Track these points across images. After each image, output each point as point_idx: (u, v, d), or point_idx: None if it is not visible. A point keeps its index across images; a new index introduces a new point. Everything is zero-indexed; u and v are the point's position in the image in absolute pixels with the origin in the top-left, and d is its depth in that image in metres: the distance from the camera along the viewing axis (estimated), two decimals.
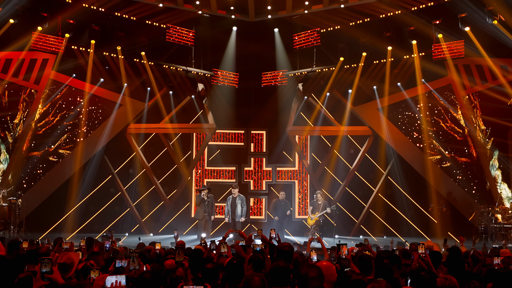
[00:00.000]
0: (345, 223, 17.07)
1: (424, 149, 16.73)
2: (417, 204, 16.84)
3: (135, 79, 16.95)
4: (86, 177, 16.79)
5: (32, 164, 16.48)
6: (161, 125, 17.43)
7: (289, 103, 17.65)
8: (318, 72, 17.10)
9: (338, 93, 17.58)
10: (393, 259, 5.88)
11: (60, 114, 16.80)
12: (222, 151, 18.01)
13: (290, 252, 5.36)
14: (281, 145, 17.74)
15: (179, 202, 17.62)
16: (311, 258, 5.57)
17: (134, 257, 5.05)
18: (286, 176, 17.78)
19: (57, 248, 7.71)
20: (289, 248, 5.42)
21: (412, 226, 16.68)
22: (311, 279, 3.69)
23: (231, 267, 4.63)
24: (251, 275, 3.90)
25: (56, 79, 16.55)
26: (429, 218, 16.45)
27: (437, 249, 8.94)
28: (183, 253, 5.40)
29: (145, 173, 17.65)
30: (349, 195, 17.54)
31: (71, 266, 5.54)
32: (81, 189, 16.70)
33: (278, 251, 5.41)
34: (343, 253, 5.22)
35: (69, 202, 16.41)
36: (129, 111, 17.18)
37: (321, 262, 4.26)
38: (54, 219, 16.07)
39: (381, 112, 16.97)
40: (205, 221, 14.56)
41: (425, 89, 16.62)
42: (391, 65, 16.25)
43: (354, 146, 17.88)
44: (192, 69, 16.87)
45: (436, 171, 16.66)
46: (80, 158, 16.75)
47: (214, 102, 17.68)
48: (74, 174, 16.60)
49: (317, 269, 3.78)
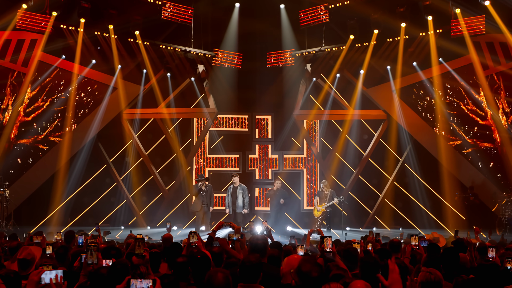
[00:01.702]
0: (357, 214, 16.46)
1: (443, 134, 16.05)
2: (436, 193, 16.04)
3: (129, 60, 16.24)
4: (79, 167, 16.11)
5: (20, 153, 15.83)
6: (159, 110, 16.66)
7: (296, 85, 16.91)
8: (327, 52, 16.32)
9: (349, 74, 16.76)
10: (383, 253, 5.67)
11: (50, 99, 16.09)
12: (225, 137, 17.32)
13: (264, 246, 5.21)
14: (288, 130, 16.99)
15: (179, 193, 16.85)
16: (298, 253, 5.47)
17: (92, 250, 4.82)
18: (293, 164, 17.11)
19: (27, 242, 7.34)
20: (263, 241, 5.27)
21: (430, 217, 15.92)
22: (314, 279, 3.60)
23: (196, 262, 4.66)
24: (215, 271, 3.88)
25: (45, 61, 15.81)
26: (449, 209, 15.63)
27: (443, 241, 8.92)
28: (143, 245, 5.29)
29: (142, 162, 16.93)
30: (362, 184, 16.77)
31: (31, 262, 5.43)
32: (74, 179, 16.05)
33: (250, 245, 5.24)
34: (327, 246, 4.91)
35: (62, 193, 15.79)
36: (124, 95, 16.45)
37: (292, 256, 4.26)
38: (45, 211, 15.39)
39: (396, 94, 16.26)
40: (203, 213, 14.01)
41: (443, 69, 15.89)
42: (405, 43, 15.51)
43: (367, 131, 17.06)
44: (192, 50, 16.11)
45: (456, 157, 15.98)
46: (72, 146, 16.06)
47: (215, 85, 16.99)
48: (66, 163, 15.95)
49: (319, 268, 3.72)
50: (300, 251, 5.60)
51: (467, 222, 14.81)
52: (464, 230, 12.24)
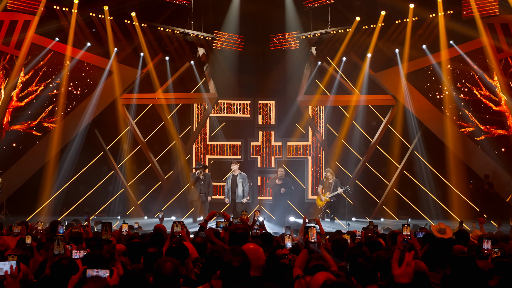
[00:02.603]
0: (365, 204, 16.04)
1: (455, 120, 15.58)
2: (448, 182, 15.53)
3: (126, 43, 15.87)
4: (74, 154, 15.70)
5: (13, 139, 15.41)
6: (157, 95, 16.23)
7: (300, 69, 16.41)
8: (333, 34, 15.93)
9: (355, 57, 16.27)
10: (374, 245, 5.58)
11: (45, 83, 15.62)
12: (226, 124, 16.82)
13: (244, 236, 4.96)
14: (291, 116, 16.46)
15: (178, 182, 16.34)
16: (285, 244, 5.34)
17: (59, 240, 4.86)
18: (298, 151, 16.57)
19: (6, 232, 7.53)
20: (243, 231, 5.02)
21: (441, 207, 15.44)
22: (234, 269, 3.48)
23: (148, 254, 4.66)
24: (164, 260, 3.88)
25: (39, 44, 15.37)
26: (461, 199, 15.17)
27: (449, 232, 8.80)
28: (110, 230, 5.22)
29: (140, 150, 16.48)
30: (369, 172, 16.27)
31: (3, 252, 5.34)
32: (69, 167, 15.65)
33: (230, 235, 5.03)
34: (312, 237, 4.78)
35: (56, 182, 15.45)
36: (121, 79, 16.03)
37: (248, 245, 4.06)
38: (39, 200, 15.10)
39: (404, 78, 15.81)
40: (201, 202, 13.64)
41: (454, 53, 15.46)
42: (414, 25, 15.21)
43: (375, 117, 16.57)
44: (191, 32, 15.77)
45: (468, 145, 15.52)
46: (67, 132, 15.68)
47: (216, 69, 16.56)
48: (61, 150, 15.62)
49: (242, 257, 3.54)
50: (288, 242, 5.37)
51: (479, 212, 14.33)
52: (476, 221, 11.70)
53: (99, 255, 4.76)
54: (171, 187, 16.32)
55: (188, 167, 16.10)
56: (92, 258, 4.62)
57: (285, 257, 4.73)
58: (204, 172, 13.88)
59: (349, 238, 6.01)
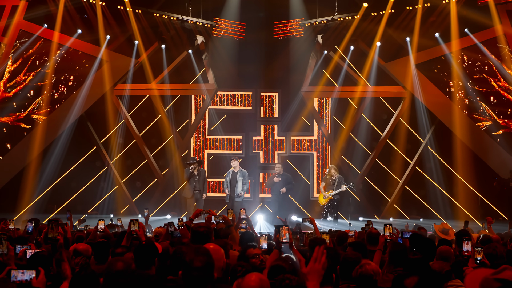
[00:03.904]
0: (374, 202, 15.72)
1: (471, 114, 15.23)
2: (463, 179, 15.05)
3: (119, 31, 15.58)
4: (65, 148, 15.32)
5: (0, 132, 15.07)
6: (153, 86, 15.84)
7: (305, 58, 16.11)
8: (340, 21, 15.69)
9: (364, 45, 15.86)
10: (358, 246, 5.54)
11: (34, 73, 15.15)
12: (226, 116, 16.47)
13: (207, 235, 4.86)
14: (296, 108, 16.06)
15: (175, 178, 15.88)
16: (261, 246, 5.36)
17: (2, 238, 4.76)
18: (302, 146, 16.18)
19: None
20: (206, 230, 4.92)
21: (456, 206, 15.01)
22: (196, 269, 3.46)
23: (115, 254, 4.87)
24: (115, 260, 3.97)
25: (27, 30, 14.94)
26: (478, 198, 14.79)
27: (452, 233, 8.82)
28: (57, 228, 5.10)
29: (136, 144, 16.06)
30: (380, 168, 15.86)
31: None
32: (61, 162, 15.27)
33: (192, 233, 4.96)
34: (283, 236, 4.71)
35: (47, 178, 15.12)
36: (114, 69, 15.65)
37: (208, 245, 4.01)
38: (28, 197, 14.77)
39: (416, 69, 15.49)
40: (196, 200, 13.30)
41: (469, 42, 15.10)
42: (426, 12, 14.90)
43: (385, 109, 16.18)
44: (189, 18, 15.55)
45: (485, 140, 15.18)
46: (57, 125, 15.29)
47: (215, 58, 16.31)
48: (51, 144, 15.25)
49: (205, 257, 3.59)
50: (263, 243, 5.34)
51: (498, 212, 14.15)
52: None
53: (42, 255, 4.79)
54: (168, 184, 15.94)
55: (184, 163, 15.77)
56: (37, 258, 4.70)
57: (257, 257, 4.75)
58: (199, 168, 13.45)
59: (328, 239, 6.03)
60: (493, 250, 5.38)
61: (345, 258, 4.42)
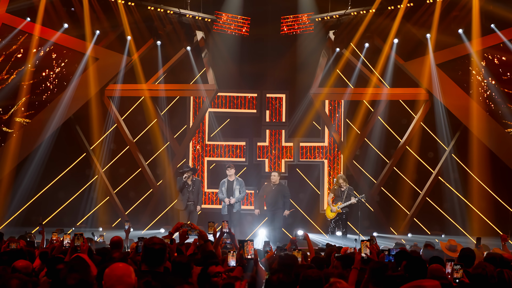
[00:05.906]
0: (392, 216, 15.19)
1: (500, 119, 14.66)
2: (492, 191, 14.53)
3: (109, 25, 15.17)
4: (52, 155, 14.93)
5: None
6: (148, 87, 15.44)
7: (315, 57, 15.73)
8: (353, 16, 15.28)
9: (380, 42, 15.31)
10: (346, 259, 5.85)
11: (17, 71, 14.68)
12: (228, 120, 16.10)
13: (161, 251, 4.64)
14: (305, 112, 15.62)
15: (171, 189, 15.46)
16: (228, 262, 5.06)
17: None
18: (312, 153, 15.71)
19: None
20: (160, 246, 4.68)
21: (483, 221, 14.52)
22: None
23: None
24: (10, 277, 3.75)
25: (10, 24, 14.41)
26: (510, 213, 14.17)
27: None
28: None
29: (129, 151, 15.61)
30: (398, 178, 15.33)
31: None
32: (47, 170, 14.90)
33: (144, 250, 4.73)
34: (248, 252, 4.66)
35: (31, 188, 14.75)
36: (104, 67, 15.23)
37: (117, 264, 3.68)
38: (12, 209, 14.49)
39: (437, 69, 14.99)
40: (189, 213, 12.99)
41: (497, 39, 14.56)
42: (447, 6, 14.45)
43: (404, 113, 15.68)
44: (188, 12, 15.20)
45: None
46: (42, 129, 14.80)
47: (216, 56, 16.00)
48: (37, 149, 14.78)
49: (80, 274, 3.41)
50: (231, 260, 5.18)
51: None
52: None
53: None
54: (164, 194, 15.45)
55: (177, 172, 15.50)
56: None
57: (219, 275, 4.78)
58: (193, 177, 13.01)
59: (300, 256, 6.14)
60: (482, 270, 5.12)
61: (305, 277, 4.35)
